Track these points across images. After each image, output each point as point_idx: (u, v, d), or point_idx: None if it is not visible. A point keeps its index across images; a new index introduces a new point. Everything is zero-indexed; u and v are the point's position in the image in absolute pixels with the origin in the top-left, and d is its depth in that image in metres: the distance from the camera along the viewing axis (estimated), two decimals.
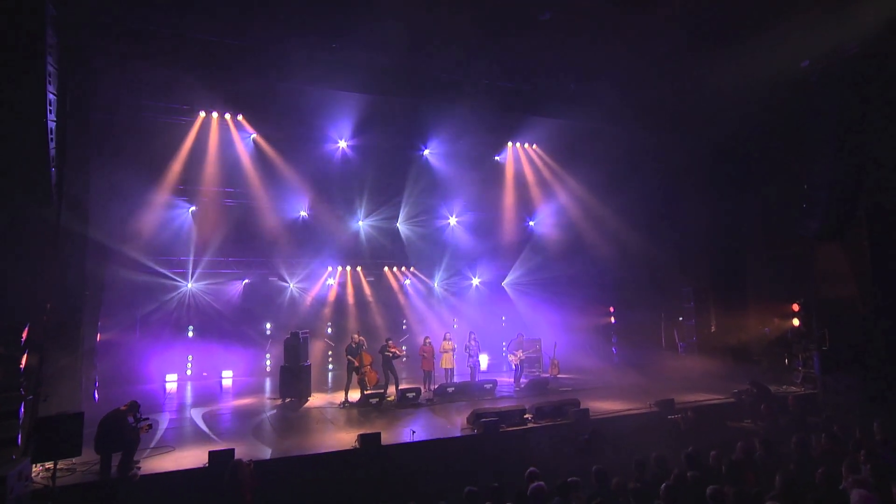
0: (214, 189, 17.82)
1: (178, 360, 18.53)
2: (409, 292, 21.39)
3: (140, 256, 15.77)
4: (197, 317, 18.72)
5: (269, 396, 14.65)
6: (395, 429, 11.24)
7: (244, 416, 12.74)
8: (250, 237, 18.61)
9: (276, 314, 19.62)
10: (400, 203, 20.30)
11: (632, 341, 19.60)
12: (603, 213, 19.47)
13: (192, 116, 16.58)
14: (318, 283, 20.05)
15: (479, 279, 22.20)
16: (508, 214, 21.36)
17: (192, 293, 18.55)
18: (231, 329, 18.94)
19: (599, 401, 13.51)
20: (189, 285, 18.63)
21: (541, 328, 19.89)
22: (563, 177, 20.40)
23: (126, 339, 16.98)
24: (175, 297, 18.24)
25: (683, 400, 13.29)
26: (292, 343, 14.51)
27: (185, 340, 18.66)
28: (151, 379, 17.67)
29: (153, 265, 16.77)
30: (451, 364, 16.06)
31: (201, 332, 18.81)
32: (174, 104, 16.11)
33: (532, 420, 11.56)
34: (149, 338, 17.73)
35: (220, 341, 18.66)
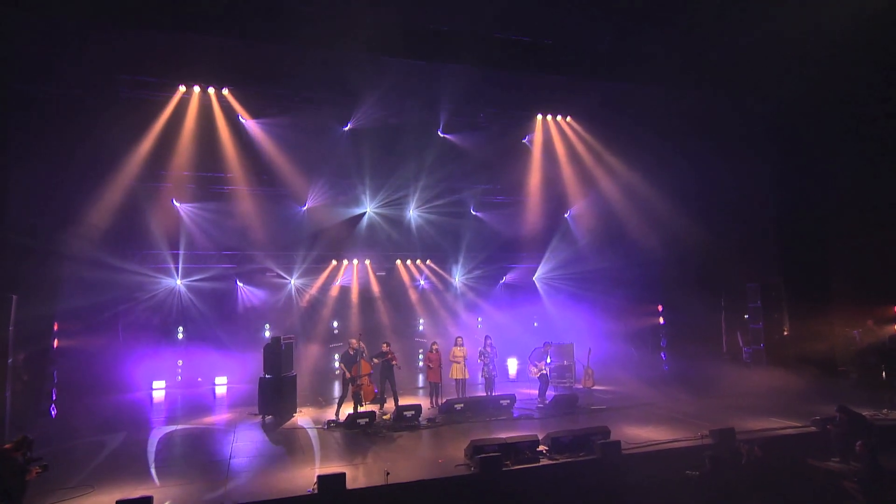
0: (200, 175, 16.33)
1: (167, 366, 17.27)
2: (425, 289, 19.43)
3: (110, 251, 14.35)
4: (187, 318, 17.40)
5: (251, 412, 13.03)
6: (376, 462, 9.36)
7: (208, 439, 11.16)
8: (243, 229, 17.05)
9: (275, 314, 18.10)
10: (413, 188, 18.30)
11: (684, 347, 17.00)
12: (649, 196, 16.87)
13: (170, 91, 15.04)
14: (321, 279, 18.38)
15: (506, 273, 20.02)
16: (538, 198, 19.00)
17: (180, 292, 17.22)
18: (226, 331, 17.53)
19: (638, 426, 11.23)
20: (178, 282, 17.31)
21: (575, 330, 17.59)
22: (601, 153, 17.88)
23: (106, 344, 15.76)
24: (161, 296, 16.95)
25: (747, 427, 10.82)
26: (272, 350, 12.84)
27: (174, 344, 17.38)
28: (137, 387, 16.46)
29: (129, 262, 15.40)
30: (463, 374, 14.05)
31: (193, 334, 17.49)
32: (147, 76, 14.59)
33: (547, 455, 9.42)
34: (133, 342, 16.49)
35: (213, 345, 17.27)
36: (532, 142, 18.38)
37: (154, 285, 16.70)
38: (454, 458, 9.37)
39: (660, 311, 18.14)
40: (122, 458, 9.71)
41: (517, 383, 17.22)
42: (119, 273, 14.82)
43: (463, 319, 19.03)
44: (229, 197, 16.72)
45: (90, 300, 14.37)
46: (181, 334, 17.53)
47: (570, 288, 19.18)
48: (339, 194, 17.91)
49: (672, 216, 16.16)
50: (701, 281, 16.79)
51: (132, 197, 14.45)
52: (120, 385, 16.02)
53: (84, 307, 14.19)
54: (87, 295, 14.06)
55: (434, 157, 17.88)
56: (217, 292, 17.62)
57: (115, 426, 11.94)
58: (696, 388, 14.52)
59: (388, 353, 13.32)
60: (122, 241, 15.00)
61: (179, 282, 17.33)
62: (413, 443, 10.66)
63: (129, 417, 12.94)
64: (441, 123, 17.62)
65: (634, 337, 18.12)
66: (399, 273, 19.34)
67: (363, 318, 18.18)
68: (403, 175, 17.77)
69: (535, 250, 19.76)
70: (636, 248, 17.37)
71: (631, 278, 17.83)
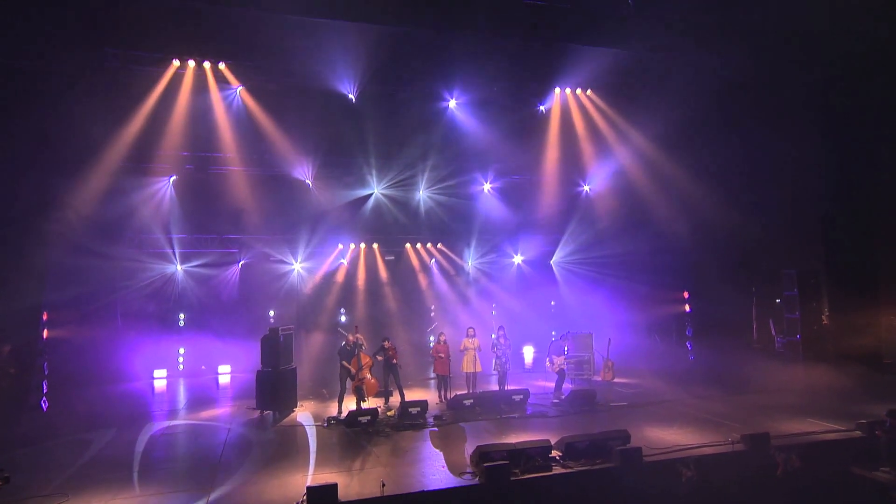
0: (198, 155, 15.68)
1: (169, 355, 16.88)
2: (436, 273, 18.68)
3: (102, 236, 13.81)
4: (188, 304, 16.94)
5: (249, 406, 12.52)
6: (374, 467, 8.74)
7: (200, 438, 10.68)
8: (242, 211, 16.42)
9: (279, 299, 17.55)
10: (422, 167, 17.44)
11: (711, 337, 16.05)
12: (675, 175, 15.78)
13: (163, 66, 14.32)
14: (326, 264, 17.74)
15: (522, 256, 19.17)
16: (555, 177, 18.01)
17: (181, 277, 16.72)
18: (228, 318, 17.04)
19: (661, 427, 10.45)
20: (178, 268, 16.81)
21: (594, 319, 16.75)
22: (623, 128, 16.78)
23: (104, 333, 15.36)
24: (161, 282, 16.47)
25: (783, 430, 9.97)
26: (270, 342, 12.24)
27: (175, 332, 16.96)
28: (137, 376, 16.11)
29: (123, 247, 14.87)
30: (474, 367, 13.30)
31: (194, 321, 17.05)
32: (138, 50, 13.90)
33: (560, 462, 8.70)
34: (133, 330, 16.09)
35: (216, 332, 16.80)
36: (549, 114, 17.36)
37: (152, 271, 16.21)
38: (459, 464, 8.72)
39: (686, 298, 17.16)
40: (106, 461, 9.23)
41: (532, 374, 16.52)
42: (113, 259, 14.32)
43: (475, 306, 18.29)
44: (227, 177, 16.05)
45: (83, 288, 13.92)
46: (182, 321, 17.09)
47: (589, 273, 18.28)
48: (344, 174, 17.16)
49: (701, 197, 15.08)
50: (731, 266, 15.75)
51: (123, 178, 13.84)
52: (119, 375, 15.66)
53: (77, 295, 13.73)
54: (80, 283, 13.59)
55: (445, 133, 17.01)
56: (218, 277, 17.10)
57: (106, 422, 11.52)
58: (725, 384, 13.63)
59: (389, 350, 12.65)
60: (115, 225, 14.42)
61: (179, 267, 16.83)
62: (416, 444, 10.02)
63: (123, 411, 12.53)
64: (451, 97, 16.71)
65: (658, 326, 17.20)
66: (408, 257, 18.61)
67: (370, 304, 17.55)
68: (412, 153, 16.91)
69: (552, 233, 18.85)
70: (661, 232, 16.34)
71: (655, 263, 16.83)
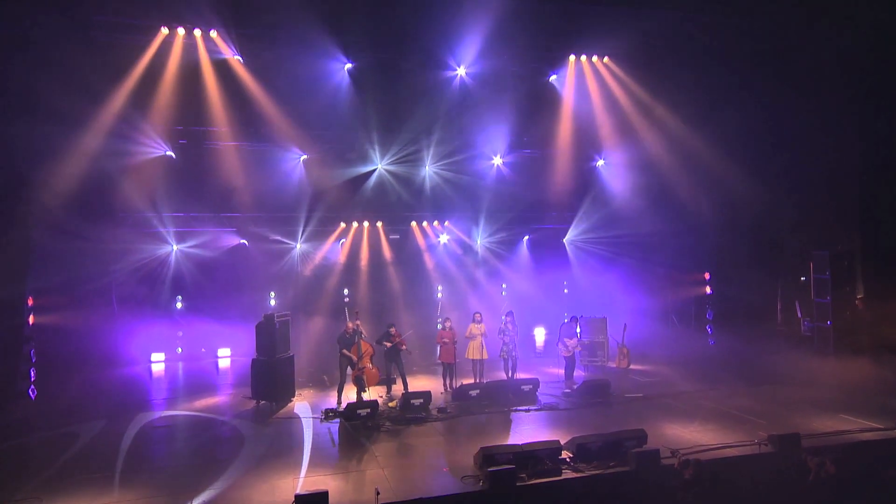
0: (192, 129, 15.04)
1: (167, 338, 16.50)
2: (443, 253, 18.04)
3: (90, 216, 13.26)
4: (186, 286, 16.47)
5: (246, 395, 12.09)
6: (370, 468, 8.25)
7: (190, 432, 10.24)
8: (240, 189, 15.80)
9: (279, 281, 17.05)
10: (427, 141, 16.66)
11: (733, 322, 15.31)
12: (699, 149, 14.87)
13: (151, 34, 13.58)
14: (328, 243, 17.16)
15: (533, 236, 18.44)
16: (570, 152, 17.16)
17: (177, 259, 16.23)
18: (227, 300, 16.58)
19: (681, 423, 9.85)
20: (174, 248, 16.31)
21: (608, 301, 16.07)
22: (643, 98, 15.83)
23: (99, 317, 14.94)
24: (157, 263, 15.99)
25: (813, 427, 9.33)
26: (266, 330, 11.73)
27: (173, 314, 16.54)
28: (134, 360, 15.76)
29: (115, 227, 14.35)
30: (481, 354, 12.70)
31: (193, 304, 16.61)
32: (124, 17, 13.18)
33: (570, 465, 8.12)
34: (129, 313, 15.68)
35: (215, 314, 16.35)
36: (563, 84, 16.43)
37: (147, 252, 15.72)
38: (462, 466, 8.18)
39: (706, 279, 16.39)
40: (88, 459, 8.80)
41: (543, 358, 15.93)
42: (103, 240, 13.79)
43: (484, 287, 17.68)
44: (222, 153, 15.40)
45: (73, 272, 13.43)
46: (180, 303, 16.67)
47: (603, 253, 17.57)
48: (345, 149, 16.46)
49: (727, 173, 14.19)
50: (757, 247, 14.96)
51: (111, 154, 13.22)
52: (116, 359, 15.30)
53: (67, 279, 13.26)
54: (68, 266, 13.11)
55: (451, 105, 16.19)
56: (216, 258, 16.59)
57: (95, 412, 11.15)
58: (749, 374, 12.95)
59: (395, 337, 12.09)
60: (104, 205, 13.87)
61: (175, 247, 16.33)
62: (418, 441, 9.50)
63: (114, 399, 12.15)
64: (458, 66, 15.83)
65: (676, 309, 16.49)
66: (414, 236, 17.96)
67: (373, 286, 17.01)
68: (416, 127, 16.13)
69: (565, 210, 18.08)
70: (682, 210, 15.50)
71: (674, 243, 16.05)
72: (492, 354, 12.95)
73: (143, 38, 13.51)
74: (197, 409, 11.61)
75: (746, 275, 14.81)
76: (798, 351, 13.85)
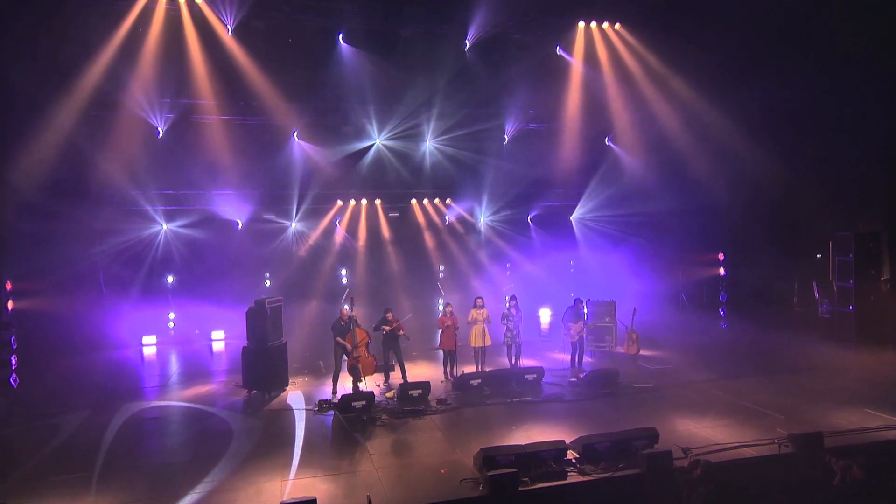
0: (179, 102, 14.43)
1: (158, 320, 16.16)
2: (444, 232, 17.51)
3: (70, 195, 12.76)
4: (177, 267, 16.10)
5: (237, 383, 11.70)
6: (363, 468, 7.85)
7: (176, 427, 9.87)
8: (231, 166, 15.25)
9: (274, 261, 16.62)
10: (428, 115, 15.99)
11: (748, 305, 14.78)
12: (717, 124, 14.13)
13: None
14: (324, 222, 16.66)
15: (539, 214, 17.87)
16: (578, 125, 16.46)
17: (167, 238, 15.78)
18: (220, 280, 16.20)
19: (694, 419, 9.39)
20: (163, 227, 15.84)
21: (617, 283, 15.56)
22: (658, 69, 15.04)
23: (86, 301, 14.61)
24: (146, 244, 15.56)
25: (835, 423, 8.86)
26: (256, 317, 11.27)
27: (164, 296, 16.19)
28: (125, 343, 15.45)
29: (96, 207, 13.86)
30: (483, 341, 12.23)
31: (185, 285, 16.29)
32: None
33: (577, 466, 7.68)
34: (119, 295, 15.34)
35: (207, 296, 15.98)
36: (571, 53, 15.62)
37: (134, 232, 15.28)
38: (461, 467, 7.76)
39: (720, 260, 15.82)
40: (66, 456, 8.43)
41: (548, 341, 15.50)
42: (85, 221, 13.31)
43: (488, 268, 17.20)
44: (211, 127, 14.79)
45: (57, 254, 12.99)
46: (171, 285, 16.27)
47: (612, 232, 17.02)
48: (341, 123, 15.82)
49: (745, 149, 13.48)
50: (775, 227, 14.30)
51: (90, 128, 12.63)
52: (105, 343, 15.04)
53: (50, 262, 12.82)
54: (52, 248, 12.66)
55: (453, 77, 15.46)
56: (208, 237, 16.14)
57: (79, 401, 10.79)
58: (764, 361, 12.47)
59: (392, 322, 11.62)
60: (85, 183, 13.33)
61: (165, 226, 15.87)
62: (415, 437, 9.09)
63: (101, 387, 11.79)
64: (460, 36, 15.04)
65: (688, 291, 15.97)
66: (413, 214, 17.41)
67: (372, 266, 16.55)
68: (416, 100, 15.44)
69: (573, 187, 17.46)
70: (696, 188, 14.84)
71: (687, 223, 15.44)
72: (494, 340, 12.50)
73: (122, 3, 12.80)
74: (185, 399, 11.24)
75: (763, 257, 14.24)
76: (817, 337, 13.31)
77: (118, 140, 13.38)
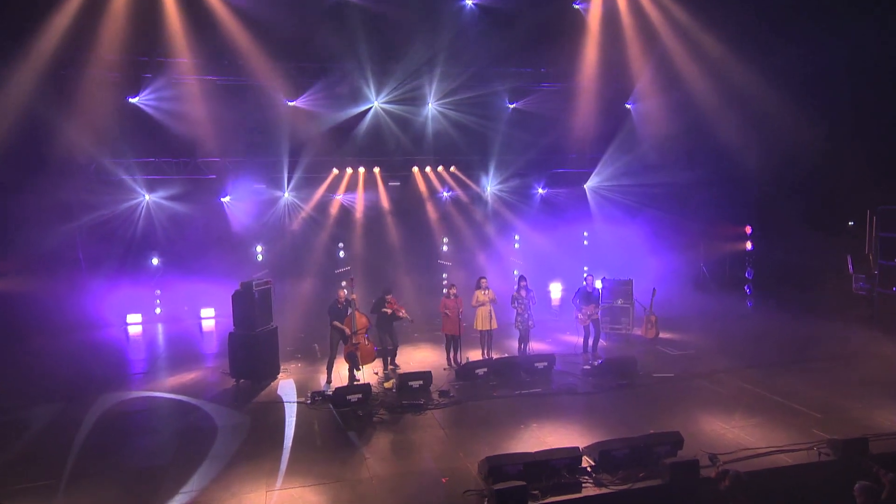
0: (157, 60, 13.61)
1: (143, 298, 15.64)
2: (448, 202, 16.77)
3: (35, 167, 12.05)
4: (162, 241, 15.51)
5: (225, 370, 11.19)
6: (356, 474, 7.33)
7: (157, 423, 9.33)
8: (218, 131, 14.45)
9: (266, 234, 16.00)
10: (430, 75, 15.05)
11: (776, 282, 14.08)
12: (748, 86, 13.13)
13: None
14: (319, 192, 15.94)
15: (550, 181, 17.08)
16: (594, 88, 15.49)
17: (150, 211, 15.13)
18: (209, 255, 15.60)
19: (720, 416, 8.82)
20: (145, 199, 15.17)
21: (634, 259, 14.87)
22: (684, 24, 13.97)
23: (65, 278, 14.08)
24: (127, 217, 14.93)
25: (879, 424, 8.27)
26: (243, 300, 10.68)
27: (149, 272, 15.65)
28: (107, 323, 14.99)
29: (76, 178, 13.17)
30: (489, 324, 11.61)
31: (171, 260, 15.73)
32: None
33: (592, 475, 7.14)
34: (100, 272, 14.78)
35: (197, 271, 15.42)
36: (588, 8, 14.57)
37: (114, 204, 14.63)
38: (464, 475, 7.23)
39: (748, 234, 15.04)
40: (32, 460, 7.94)
41: (559, 319, 14.92)
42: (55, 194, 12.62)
43: (494, 241, 16.50)
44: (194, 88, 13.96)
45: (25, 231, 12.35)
46: (156, 261, 15.69)
47: (630, 202, 16.21)
48: (335, 84, 14.92)
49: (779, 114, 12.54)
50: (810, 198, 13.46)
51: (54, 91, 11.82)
52: (87, 323, 14.58)
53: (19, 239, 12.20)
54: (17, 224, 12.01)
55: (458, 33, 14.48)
56: (195, 209, 15.49)
57: (55, 391, 10.34)
58: (796, 347, 11.83)
59: (391, 304, 11.02)
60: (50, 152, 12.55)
61: (148, 197, 15.20)
62: (414, 436, 8.56)
63: (79, 374, 11.33)
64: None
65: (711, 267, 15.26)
66: (415, 183, 16.64)
67: (370, 239, 15.88)
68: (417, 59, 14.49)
69: (588, 153, 16.58)
70: (724, 156, 13.95)
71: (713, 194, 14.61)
72: (502, 322, 11.89)
73: None
74: (169, 389, 10.75)
75: (795, 231, 13.44)
76: (854, 319, 12.60)
77: (87, 104, 12.54)
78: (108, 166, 13.86)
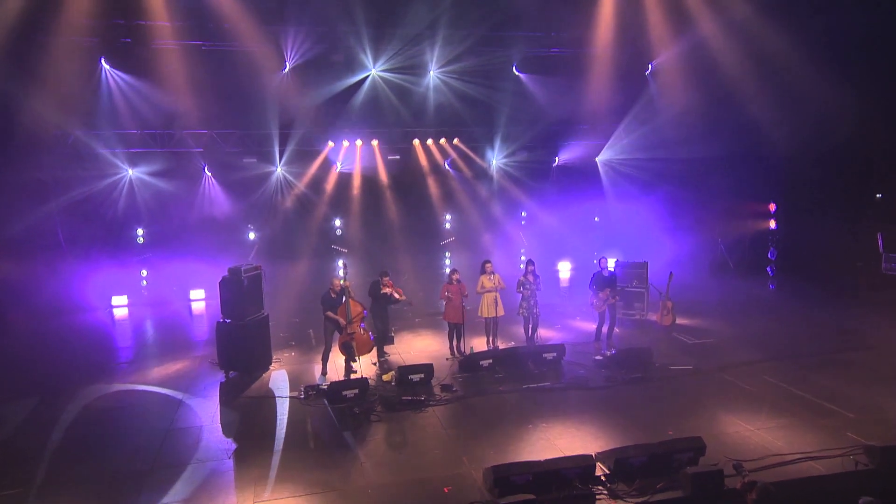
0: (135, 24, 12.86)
1: (129, 279, 15.21)
2: (451, 176, 16.18)
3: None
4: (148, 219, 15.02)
5: (213, 360, 10.77)
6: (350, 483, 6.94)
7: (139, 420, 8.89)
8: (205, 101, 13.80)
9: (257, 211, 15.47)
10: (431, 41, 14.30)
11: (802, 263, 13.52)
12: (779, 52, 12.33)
13: None
14: (314, 166, 15.35)
15: (559, 155, 16.44)
16: (609, 53, 14.71)
17: (133, 187, 14.59)
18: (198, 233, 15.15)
19: (744, 415, 8.36)
20: (129, 173, 14.60)
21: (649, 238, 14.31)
22: None
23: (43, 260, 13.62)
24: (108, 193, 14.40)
25: None
26: (232, 287, 10.21)
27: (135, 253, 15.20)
28: (91, 306, 14.58)
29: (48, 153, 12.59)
30: (496, 311, 11.13)
31: (158, 238, 15.19)
32: None
33: (606, 486, 6.72)
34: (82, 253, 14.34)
35: (186, 251, 14.97)
36: None
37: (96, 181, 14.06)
38: (468, 484, 6.83)
39: (772, 212, 14.43)
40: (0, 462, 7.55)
41: (568, 302, 14.44)
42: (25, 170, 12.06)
43: (500, 218, 15.95)
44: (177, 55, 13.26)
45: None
46: (141, 239, 15.21)
47: (645, 177, 15.57)
48: (329, 51, 14.20)
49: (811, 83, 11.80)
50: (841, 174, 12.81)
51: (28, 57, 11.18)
52: (70, 306, 14.16)
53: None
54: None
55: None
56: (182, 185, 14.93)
57: (31, 384, 9.97)
58: (824, 335, 11.34)
59: (387, 286, 10.56)
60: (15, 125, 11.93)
61: (131, 172, 14.62)
62: (414, 437, 8.15)
63: (59, 364, 10.93)
64: None
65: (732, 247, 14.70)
66: (416, 156, 16.01)
67: (368, 218, 15.34)
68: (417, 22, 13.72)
69: (602, 125, 15.88)
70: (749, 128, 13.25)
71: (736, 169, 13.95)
72: (508, 308, 11.41)
73: None
74: (154, 382, 10.35)
75: (823, 208, 12.82)
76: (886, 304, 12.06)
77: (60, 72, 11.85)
78: (84, 139, 13.24)
